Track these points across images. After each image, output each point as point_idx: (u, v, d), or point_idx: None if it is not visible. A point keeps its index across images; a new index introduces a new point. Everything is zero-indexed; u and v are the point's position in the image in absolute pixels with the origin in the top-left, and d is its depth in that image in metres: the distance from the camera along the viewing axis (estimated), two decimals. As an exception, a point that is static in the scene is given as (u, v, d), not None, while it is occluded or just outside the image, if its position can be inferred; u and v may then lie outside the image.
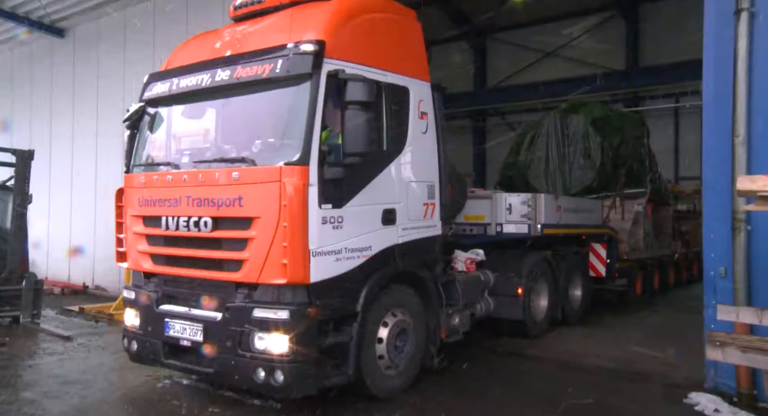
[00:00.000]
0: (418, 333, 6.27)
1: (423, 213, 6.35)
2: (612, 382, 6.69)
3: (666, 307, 12.12)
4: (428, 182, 6.45)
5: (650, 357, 7.66)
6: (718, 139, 6.02)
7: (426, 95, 6.50)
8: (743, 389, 5.70)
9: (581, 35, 21.30)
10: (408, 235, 6.12)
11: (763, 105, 5.73)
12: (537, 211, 8.48)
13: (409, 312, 6.19)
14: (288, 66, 5.20)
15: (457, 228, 8.37)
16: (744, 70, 5.72)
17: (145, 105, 6.40)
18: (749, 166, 5.67)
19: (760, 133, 5.72)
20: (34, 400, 6.03)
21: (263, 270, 5.13)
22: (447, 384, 6.54)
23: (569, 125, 12.47)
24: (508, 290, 8.29)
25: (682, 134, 20.12)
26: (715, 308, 5.43)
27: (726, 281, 5.86)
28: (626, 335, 9.20)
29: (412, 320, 6.20)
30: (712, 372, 6.07)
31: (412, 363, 6.22)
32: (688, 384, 6.29)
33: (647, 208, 12.81)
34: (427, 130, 6.44)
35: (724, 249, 5.90)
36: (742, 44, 5.73)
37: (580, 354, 7.97)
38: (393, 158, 6.02)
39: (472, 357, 7.51)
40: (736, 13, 5.79)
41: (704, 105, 6.31)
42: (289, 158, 5.11)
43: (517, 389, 6.49)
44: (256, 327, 5.15)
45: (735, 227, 5.73)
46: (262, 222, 5.15)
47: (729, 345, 4.83)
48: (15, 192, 9.98)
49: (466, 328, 7.28)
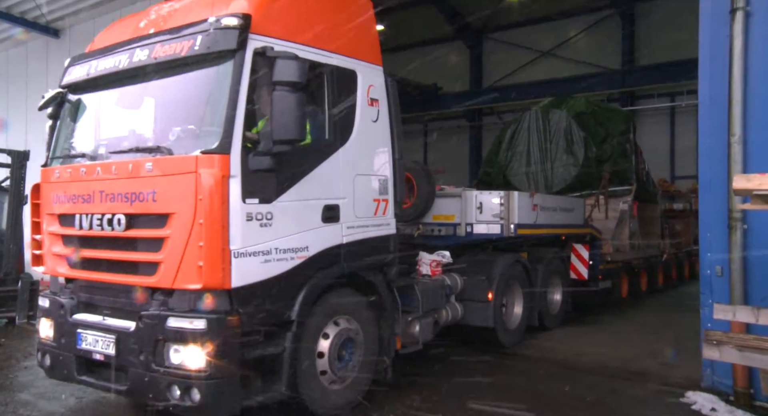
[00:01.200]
0: (368, 343, 5.66)
1: (373, 210, 5.76)
2: (609, 382, 6.68)
3: (658, 308, 11.99)
4: (380, 176, 5.85)
5: (647, 357, 7.67)
6: (714, 138, 6.02)
7: (377, 80, 5.90)
8: (740, 388, 5.70)
9: (577, 35, 21.37)
10: (355, 234, 5.52)
11: (759, 104, 5.74)
12: (510, 210, 7.89)
13: (357, 320, 5.58)
14: (208, 42, 4.62)
15: (425, 228, 7.89)
16: (740, 69, 5.73)
17: (64, 91, 5.79)
18: (745, 165, 5.68)
19: (755, 132, 5.72)
20: (29, 401, 5.98)
21: (178, 273, 4.52)
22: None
23: (551, 120, 12.01)
24: (477, 295, 7.66)
25: (678, 133, 20.14)
26: (711, 307, 5.42)
27: (722, 280, 5.87)
28: (622, 334, 9.20)
29: (361, 328, 5.60)
30: (708, 371, 6.08)
31: (361, 376, 5.61)
32: (685, 384, 6.30)
33: (633, 206, 12.18)
34: (378, 118, 5.84)
35: (720, 248, 5.89)
36: (738, 43, 5.73)
37: (576, 353, 7.94)
38: (336, 148, 5.41)
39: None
40: (732, 12, 5.79)
41: (700, 104, 6.31)
42: (208, 146, 4.51)
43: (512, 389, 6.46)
44: (170, 339, 4.54)
45: (731, 226, 5.74)
46: (177, 220, 4.54)
47: (726, 344, 4.83)
48: (10, 193, 9.94)
49: (428, 337, 6.69)
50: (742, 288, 5.70)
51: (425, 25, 22.55)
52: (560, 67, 21.16)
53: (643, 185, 13.02)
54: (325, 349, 5.28)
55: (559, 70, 21.03)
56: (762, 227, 5.67)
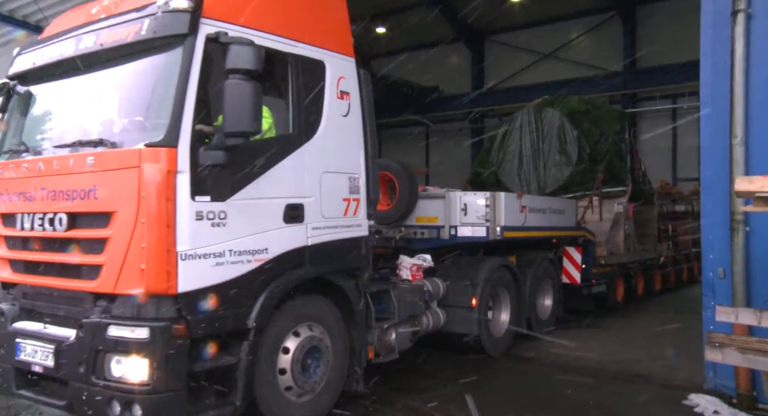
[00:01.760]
0: (337, 352, 5.31)
1: (343, 210, 5.39)
2: (611, 384, 6.66)
3: (659, 311, 11.73)
4: (350, 174, 5.48)
5: (649, 359, 7.65)
6: (715, 140, 6.00)
7: (349, 72, 5.55)
8: (743, 390, 5.67)
9: (578, 37, 21.38)
10: (321, 236, 5.15)
11: (761, 106, 5.71)
12: (496, 212, 7.46)
13: (325, 328, 5.22)
14: (155, 27, 4.29)
15: (407, 231, 7.52)
16: (741, 71, 5.70)
17: (12, 82, 5.44)
18: (747, 167, 5.65)
19: (757, 134, 5.69)
20: (31, 404, 5.99)
21: (120, 277, 4.18)
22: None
23: (544, 119, 11.57)
24: (460, 301, 7.20)
25: (680, 135, 20.09)
26: (714, 309, 5.40)
27: (725, 282, 5.83)
28: (624, 337, 9.17)
29: (329, 336, 5.24)
30: (711, 373, 6.04)
31: (329, 387, 5.24)
32: (688, 386, 6.27)
33: (628, 208, 11.68)
34: (349, 112, 5.49)
35: (722, 251, 5.87)
36: (739, 45, 5.71)
37: (577, 356, 7.85)
38: (301, 143, 5.04)
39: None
40: (733, 14, 5.76)
41: (702, 106, 6.27)
42: (153, 139, 4.16)
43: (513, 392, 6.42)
44: (111, 349, 4.17)
45: (733, 228, 5.71)
46: (119, 219, 4.19)
47: (728, 346, 4.82)
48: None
49: (406, 345, 6.34)
50: (745, 290, 5.67)
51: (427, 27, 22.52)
52: (562, 69, 21.11)
53: (639, 186, 12.61)
54: (287, 359, 4.90)
55: (560, 72, 20.98)
56: (764, 229, 5.64)
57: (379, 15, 22.10)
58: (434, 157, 24.64)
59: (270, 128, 4.94)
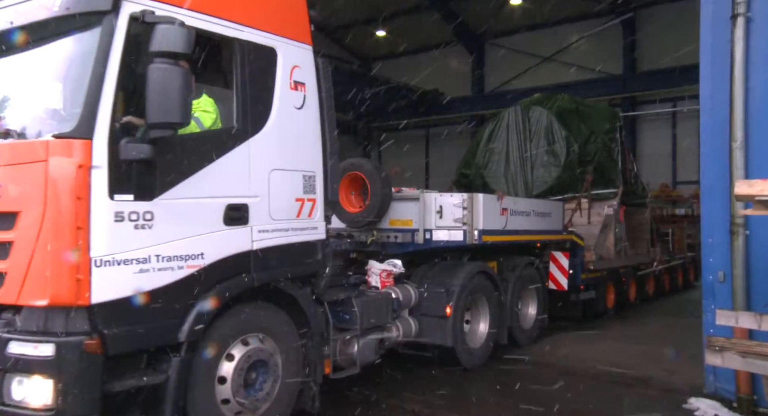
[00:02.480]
0: (288, 367, 4.81)
1: (296, 212, 4.93)
2: (611, 388, 6.65)
3: (659, 314, 11.66)
4: (305, 171, 5.01)
5: (649, 363, 7.63)
6: (715, 143, 6.01)
7: (305, 61, 5.07)
8: (743, 394, 5.66)
9: (579, 40, 21.41)
10: (270, 239, 4.68)
11: (761, 109, 5.71)
12: (474, 215, 6.91)
13: (274, 339, 4.73)
14: (70, 3, 3.84)
15: (379, 235, 7.01)
16: (741, 75, 5.71)
17: None
18: (747, 171, 5.65)
19: (757, 138, 5.70)
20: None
21: (24, 286, 3.67)
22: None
23: (531, 118, 10.99)
24: (434, 309, 6.70)
25: (680, 139, 20.09)
26: (713, 313, 5.41)
27: (725, 285, 5.84)
28: (624, 341, 9.13)
29: (278, 349, 4.76)
30: (711, 377, 6.04)
31: (277, 406, 4.75)
32: (688, 390, 6.26)
33: (619, 210, 11.15)
34: (304, 104, 5.03)
35: (722, 254, 5.87)
36: (739, 49, 5.72)
37: (577, 359, 7.85)
38: (246, 137, 4.54)
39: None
40: (732, 18, 5.78)
41: (701, 109, 6.28)
42: (64, 130, 3.68)
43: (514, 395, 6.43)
44: (12, 368, 3.66)
45: (733, 232, 5.71)
46: (24, 220, 3.70)
47: (728, 350, 4.80)
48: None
49: (370, 358, 5.84)
50: (745, 294, 5.66)
51: (427, 30, 22.60)
52: (562, 72, 21.11)
53: (631, 188, 12.08)
54: (228, 374, 4.41)
55: (560, 75, 20.99)
56: (764, 233, 5.63)
57: (380, 18, 22.16)
58: (434, 160, 24.62)
59: (214, 123, 4.53)
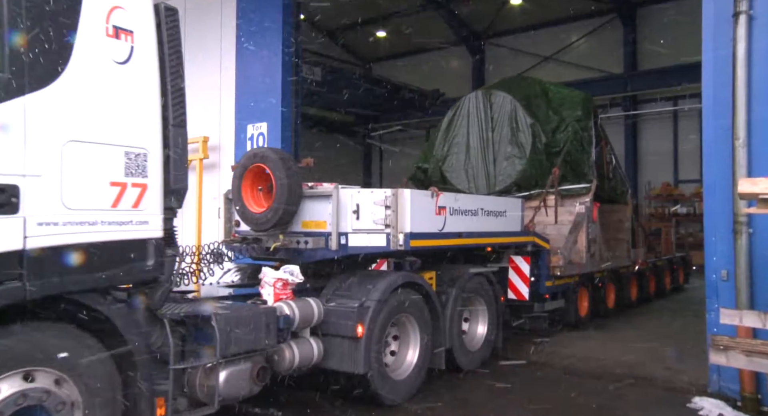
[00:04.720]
0: (94, 410, 3.64)
1: (111, 200, 3.80)
2: (615, 387, 6.62)
3: (659, 315, 11.26)
4: (129, 147, 3.89)
5: (652, 362, 7.61)
6: (718, 141, 5.98)
7: (133, 3, 3.95)
8: (747, 393, 5.61)
9: (579, 39, 21.38)
10: (60, 234, 3.51)
11: (763, 107, 5.67)
12: (399, 215, 5.64)
13: (69, 375, 3.54)
14: None
15: (287, 239, 5.81)
16: (743, 73, 5.68)
17: None
18: (750, 169, 5.62)
19: (760, 136, 5.66)
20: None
21: None
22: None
23: (494, 104, 9.77)
24: (342, 329, 5.39)
25: (681, 137, 20.10)
26: (717, 312, 5.36)
27: (728, 284, 5.81)
28: (626, 340, 9.08)
29: (78, 389, 3.59)
30: (715, 376, 6.01)
31: None
32: (692, 389, 6.23)
33: (593, 208, 9.72)
34: (130, 59, 3.90)
35: (725, 253, 5.84)
36: (741, 47, 5.70)
37: (580, 358, 7.77)
38: (21, 92, 3.36)
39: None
40: (735, 15, 5.75)
41: (704, 108, 6.26)
42: None
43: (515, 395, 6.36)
44: None
45: (736, 230, 5.68)
46: None
47: (732, 349, 4.77)
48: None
49: (241, 392, 4.55)
50: (748, 292, 5.62)
51: (428, 31, 22.60)
52: (562, 71, 21.09)
53: (607, 183, 10.80)
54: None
55: (561, 74, 20.94)
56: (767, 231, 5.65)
57: (380, 19, 22.17)
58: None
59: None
